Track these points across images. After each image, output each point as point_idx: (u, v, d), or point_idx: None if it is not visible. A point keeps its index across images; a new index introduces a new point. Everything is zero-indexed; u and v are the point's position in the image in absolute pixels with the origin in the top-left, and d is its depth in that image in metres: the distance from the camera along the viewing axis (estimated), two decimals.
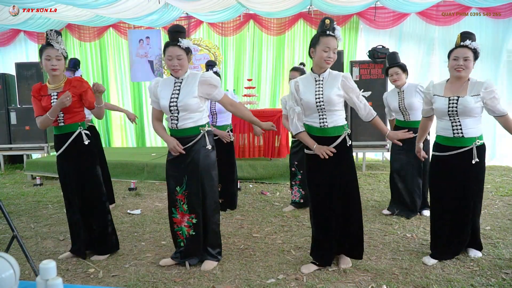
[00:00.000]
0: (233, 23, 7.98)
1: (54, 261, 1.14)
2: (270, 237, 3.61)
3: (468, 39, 2.79)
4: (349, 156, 2.80)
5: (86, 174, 3.10)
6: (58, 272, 2.84)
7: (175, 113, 2.80)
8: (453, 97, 2.80)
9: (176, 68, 2.78)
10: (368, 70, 6.52)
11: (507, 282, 2.64)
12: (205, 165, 2.85)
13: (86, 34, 8.48)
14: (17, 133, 7.20)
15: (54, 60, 2.95)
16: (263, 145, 6.15)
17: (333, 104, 2.70)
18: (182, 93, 2.79)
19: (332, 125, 2.73)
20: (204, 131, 2.85)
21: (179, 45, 2.78)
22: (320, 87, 2.73)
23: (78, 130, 3.07)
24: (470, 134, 2.80)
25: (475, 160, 2.79)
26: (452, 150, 2.85)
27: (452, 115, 2.80)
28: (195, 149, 2.83)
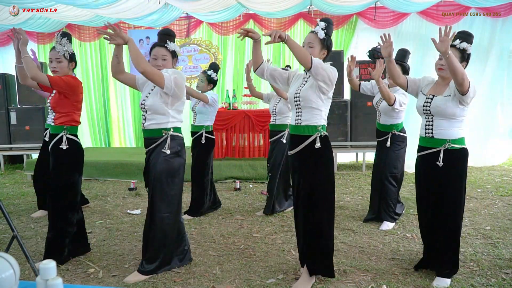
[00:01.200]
0: (233, 23, 7.98)
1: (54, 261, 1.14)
2: (270, 237, 3.61)
3: (459, 39, 2.64)
4: (316, 159, 2.58)
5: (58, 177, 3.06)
6: (58, 272, 2.84)
7: (144, 112, 2.82)
8: (429, 96, 2.71)
9: (158, 68, 2.77)
10: (368, 70, 6.52)
11: (507, 282, 2.64)
12: (161, 169, 2.73)
13: (86, 34, 8.48)
14: (17, 133, 7.20)
15: (54, 62, 3.02)
16: (263, 145, 6.15)
17: (309, 101, 2.56)
18: (152, 93, 2.79)
19: (306, 123, 2.59)
20: (167, 135, 2.75)
21: (165, 46, 2.80)
22: (303, 83, 2.65)
23: (61, 134, 3.07)
24: (441, 136, 2.63)
25: (440, 163, 2.61)
26: (422, 150, 2.75)
27: (426, 114, 2.71)
28: (155, 152, 2.78)
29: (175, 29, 8.15)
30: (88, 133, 8.68)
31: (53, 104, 3.12)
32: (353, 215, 4.26)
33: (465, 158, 2.68)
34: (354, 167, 7.15)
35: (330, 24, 2.65)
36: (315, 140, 2.56)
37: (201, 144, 4.28)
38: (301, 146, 2.60)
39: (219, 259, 3.13)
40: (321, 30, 2.60)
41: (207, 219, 4.22)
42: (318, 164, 2.59)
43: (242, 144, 6.16)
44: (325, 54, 2.66)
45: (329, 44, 2.66)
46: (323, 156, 2.60)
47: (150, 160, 2.80)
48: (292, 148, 2.67)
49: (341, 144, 6.60)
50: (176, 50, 2.87)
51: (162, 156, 2.74)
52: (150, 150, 2.81)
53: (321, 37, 2.60)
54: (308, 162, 2.60)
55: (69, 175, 3.08)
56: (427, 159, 2.71)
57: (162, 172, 2.74)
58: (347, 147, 6.73)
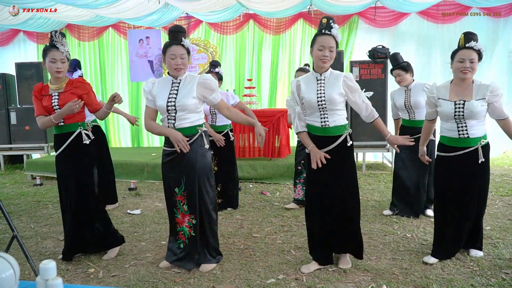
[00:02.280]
0: (233, 22, 7.98)
1: (54, 261, 1.14)
2: (270, 237, 3.61)
3: (473, 40, 2.77)
4: (349, 156, 2.79)
5: (83, 174, 3.08)
6: (58, 272, 2.84)
7: (172, 113, 2.79)
8: (459, 102, 2.79)
9: (179, 67, 2.78)
10: (368, 70, 6.52)
11: (507, 282, 2.64)
12: (202, 164, 2.84)
13: (85, 34, 8.48)
14: (17, 133, 7.20)
15: (59, 63, 2.96)
16: (263, 145, 6.15)
17: (335, 104, 2.69)
18: (181, 94, 2.78)
19: (334, 124, 2.72)
20: (201, 131, 2.84)
21: (182, 44, 2.78)
22: (321, 86, 2.72)
23: (78, 130, 3.06)
24: (476, 135, 2.81)
25: (481, 159, 2.81)
26: (457, 151, 2.86)
27: (458, 118, 2.81)
28: (192, 149, 2.80)
29: None
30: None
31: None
32: None
33: (489, 151, 2.92)
34: None
35: (335, 23, 2.72)
36: (346, 139, 2.74)
37: (229, 141, 4.44)
38: (334, 145, 2.72)
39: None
40: (337, 32, 2.70)
41: None
42: (350, 159, 2.80)
43: (242, 144, 6.16)
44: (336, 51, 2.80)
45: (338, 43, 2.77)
46: (352, 152, 2.82)
47: (187, 156, 2.80)
48: (322, 147, 2.75)
49: None
50: (190, 47, 2.88)
51: (200, 151, 2.83)
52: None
53: (339, 40, 2.73)
54: (342, 159, 2.75)
55: (94, 169, 3.17)
56: (464, 158, 2.85)
57: (205, 166, 2.87)
58: None
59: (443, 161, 2.97)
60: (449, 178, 2.95)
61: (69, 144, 3.04)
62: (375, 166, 7.09)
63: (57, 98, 2.98)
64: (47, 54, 2.96)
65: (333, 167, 2.73)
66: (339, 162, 2.74)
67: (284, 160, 5.98)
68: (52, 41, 2.97)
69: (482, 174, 2.89)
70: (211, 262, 2.97)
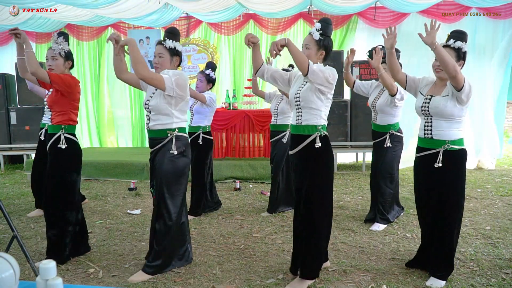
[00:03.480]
0: (233, 23, 7.98)
1: (54, 261, 1.14)
2: (270, 237, 3.61)
3: (453, 38, 2.62)
4: (316, 158, 2.59)
5: (55, 178, 3.06)
6: (58, 272, 2.84)
7: (148, 113, 2.81)
8: (428, 96, 2.70)
9: (156, 66, 2.79)
10: (368, 70, 6.52)
11: (507, 282, 2.64)
12: (166, 169, 2.74)
13: (84, 34, 8.46)
14: (17, 133, 7.20)
15: (50, 60, 3.05)
16: (263, 145, 6.15)
17: (308, 101, 2.58)
18: (156, 94, 2.77)
19: (306, 123, 2.61)
20: (172, 136, 2.75)
21: (162, 43, 2.79)
22: (304, 83, 2.66)
23: (59, 133, 3.07)
24: (440, 136, 2.62)
25: (437, 164, 2.59)
26: (421, 151, 2.74)
27: (425, 114, 2.69)
28: (161, 152, 2.78)
29: None
30: (87, 133, 8.67)
31: (50, 103, 3.10)
32: (353, 215, 4.26)
33: (464, 159, 2.67)
34: (354, 167, 7.15)
35: (328, 24, 2.64)
36: (315, 140, 2.57)
37: (198, 145, 4.24)
38: (301, 146, 2.61)
39: (219, 259, 3.13)
40: (316, 31, 2.61)
41: (207, 219, 4.22)
42: (318, 163, 2.60)
43: (242, 144, 6.16)
44: (323, 54, 2.66)
45: (326, 44, 2.64)
46: (322, 156, 2.60)
47: (156, 160, 2.79)
48: (293, 147, 2.68)
49: (341, 144, 6.59)
50: (177, 48, 2.83)
51: (168, 156, 2.74)
52: (155, 150, 2.81)
53: (316, 38, 2.61)
54: (308, 161, 2.60)
55: (68, 175, 3.09)
56: (426, 160, 2.69)
57: (168, 172, 2.75)
58: (347, 147, 6.73)
59: (415, 162, 2.85)
60: (416, 181, 2.85)
61: (50, 145, 3.10)
62: None
63: (48, 95, 3.17)
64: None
65: (300, 168, 2.64)
66: (306, 163, 2.61)
67: None
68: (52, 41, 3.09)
69: (446, 183, 2.62)
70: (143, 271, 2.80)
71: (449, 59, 2.41)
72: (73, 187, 3.12)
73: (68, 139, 3.08)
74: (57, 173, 3.07)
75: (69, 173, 3.10)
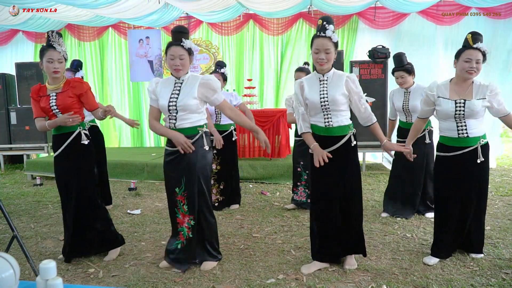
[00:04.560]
0: (233, 23, 7.98)
1: (54, 261, 1.14)
2: (270, 237, 3.61)
3: (479, 41, 2.77)
4: (353, 156, 2.80)
5: (83, 174, 3.08)
6: (58, 272, 2.84)
7: (173, 113, 2.80)
8: (460, 100, 2.79)
9: (178, 68, 2.78)
10: (368, 70, 6.52)
11: (507, 282, 2.64)
12: (202, 165, 2.84)
13: (85, 34, 8.48)
14: (17, 133, 7.20)
15: (56, 63, 2.95)
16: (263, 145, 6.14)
17: (338, 104, 2.70)
18: (182, 93, 2.78)
19: (337, 124, 2.73)
20: (202, 132, 2.84)
21: (182, 45, 2.78)
22: (324, 86, 2.73)
23: (78, 130, 3.06)
24: (475, 134, 2.82)
25: (480, 159, 2.81)
26: (457, 150, 2.87)
27: (458, 117, 2.81)
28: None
29: None
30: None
31: (63, 108, 3.00)
32: None
33: (489, 151, 2.93)
34: None
35: (333, 23, 2.70)
36: (350, 139, 2.74)
37: (232, 141, 4.48)
38: (337, 145, 2.72)
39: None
40: (332, 33, 2.66)
41: None
42: (354, 159, 2.82)
43: (242, 144, 6.16)
44: (336, 52, 2.77)
45: (337, 42, 2.75)
46: (356, 152, 2.82)
47: (187, 156, 2.80)
48: (324, 148, 2.74)
49: None
50: (192, 47, 2.87)
51: (201, 152, 2.83)
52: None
53: (335, 41, 2.69)
54: (346, 159, 2.75)
55: (94, 168, 3.19)
56: (463, 158, 2.85)
57: (204, 167, 2.87)
58: None
59: (442, 161, 2.97)
60: (449, 178, 2.95)
61: (68, 144, 3.03)
62: (375, 166, 7.09)
63: (55, 99, 2.98)
64: (44, 54, 2.94)
65: (336, 167, 2.74)
66: (343, 162, 2.75)
67: (284, 160, 5.98)
68: (48, 41, 2.96)
69: (482, 174, 2.89)
70: (212, 261, 2.99)
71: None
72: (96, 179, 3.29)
73: (86, 135, 3.12)
74: (86, 168, 3.11)
75: (94, 166, 3.20)
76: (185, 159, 2.81)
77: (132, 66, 8.32)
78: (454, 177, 2.93)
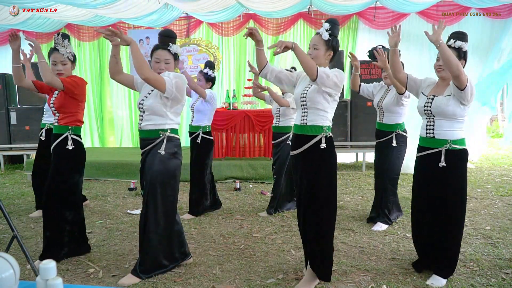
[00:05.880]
0: (233, 23, 7.98)
1: (54, 261, 1.14)
2: (270, 237, 3.61)
3: (453, 38, 2.67)
4: (320, 161, 2.57)
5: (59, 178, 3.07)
6: (58, 272, 2.84)
7: (141, 112, 2.79)
8: (430, 96, 2.72)
9: (161, 71, 2.78)
10: (368, 70, 6.52)
11: (507, 282, 2.64)
12: (156, 171, 2.71)
13: (84, 34, 8.47)
14: (17, 133, 7.20)
15: (59, 65, 3.01)
16: (263, 145, 6.15)
17: (315, 102, 2.56)
18: (152, 94, 2.76)
19: (312, 123, 2.58)
20: (164, 136, 2.74)
21: (168, 49, 2.79)
22: (310, 84, 2.62)
23: (66, 134, 3.08)
24: (442, 136, 2.64)
25: (441, 163, 2.61)
26: (423, 151, 2.75)
27: (427, 114, 2.71)
28: (151, 153, 2.76)
29: (175, 29, 8.15)
30: (89, 133, 8.68)
31: (58, 105, 3.08)
32: (353, 215, 4.26)
33: (466, 159, 2.69)
34: (354, 167, 7.15)
35: (336, 25, 2.64)
36: (320, 141, 2.55)
37: (198, 144, 4.26)
38: (306, 146, 2.57)
39: (219, 259, 3.13)
40: (325, 31, 2.60)
41: (207, 219, 4.22)
42: (322, 164, 2.58)
43: (242, 144, 6.16)
44: (330, 55, 2.65)
45: (334, 45, 2.64)
46: (327, 157, 2.58)
47: (146, 161, 2.77)
48: (296, 147, 2.65)
49: (341, 144, 6.60)
50: (178, 52, 2.86)
51: (158, 157, 2.72)
52: (146, 151, 2.79)
53: (326, 39, 2.60)
54: (312, 162, 2.58)
55: (72, 175, 3.11)
56: (427, 159, 2.70)
57: (158, 173, 2.72)
58: (347, 147, 6.73)
59: (416, 163, 2.85)
60: (417, 181, 2.84)
61: (55, 146, 3.09)
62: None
63: (54, 97, 3.08)
64: (49, 56, 3.02)
65: (305, 169, 2.61)
66: (311, 164, 2.58)
67: None
68: (54, 43, 3.03)
69: (453, 183, 2.64)
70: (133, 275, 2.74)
71: (453, 58, 2.44)
72: (76, 187, 3.14)
73: (74, 140, 3.10)
74: (61, 173, 3.08)
75: (73, 173, 3.12)
76: (145, 162, 2.79)
77: (132, 66, 8.32)
78: (420, 180, 2.80)
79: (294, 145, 2.68)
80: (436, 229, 2.72)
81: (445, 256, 2.68)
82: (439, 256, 2.70)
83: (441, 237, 2.69)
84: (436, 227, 2.71)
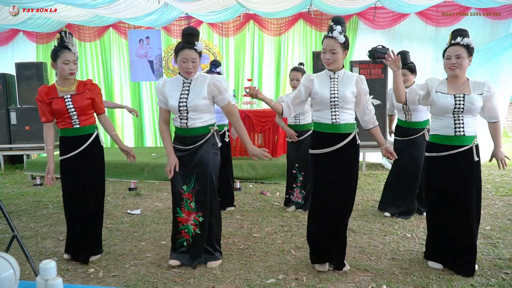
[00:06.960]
0: (233, 23, 7.99)
1: (54, 261, 1.14)
2: (270, 237, 3.61)
3: (459, 36, 2.73)
4: (356, 156, 2.82)
5: (97, 177, 3.10)
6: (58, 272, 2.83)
7: (184, 113, 2.81)
8: (459, 94, 2.72)
9: (190, 71, 2.80)
10: (368, 70, 6.51)
11: (507, 282, 2.65)
12: (213, 163, 2.90)
13: (86, 34, 8.47)
14: (17, 133, 7.20)
15: (71, 64, 2.92)
16: (263, 145, 6.15)
17: (347, 102, 2.73)
18: (192, 94, 2.81)
19: (344, 122, 2.74)
20: (213, 130, 2.90)
21: (195, 48, 2.79)
22: (335, 84, 2.76)
23: (96, 132, 3.08)
24: (470, 133, 2.74)
25: (476, 158, 2.74)
26: (451, 149, 2.74)
27: (457, 113, 2.72)
28: (204, 147, 2.86)
29: (175, 29, 8.16)
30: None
31: (81, 109, 2.98)
32: (353, 215, 4.23)
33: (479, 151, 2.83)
34: None
35: (343, 23, 2.73)
36: (355, 137, 2.76)
37: (225, 142, 4.35)
38: (342, 143, 2.71)
39: None
40: (339, 34, 2.67)
41: None
42: (356, 159, 2.84)
43: (242, 144, 6.16)
44: (346, 54, 2.82)
45: (348, 44, 2.77)
46: (358, 152, 2.84)
47: (199, 154, 2.86)
48: (328, 145, 2.74)
49: None
50: (202, 49, 2.89)
51: (212, 150, 2.90)
52: (197, 146, 2.86)
53: (342, 42, 2.70)
54: (348, 157, 2.76)
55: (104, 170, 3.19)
56: (459, 157, 2.74)
57: (215, 165, 2.93)
58: None
59: (435, 162, 2.84)
60: (442, 180, 2.81)
61: (88, 146, 3.01)
62: (375, 166, 7.09)
63: (71, 100, 2.94)
64: (59, 56, 2.88)
65: (341, 165, 2.74)
66: (347, 160, 2.76)
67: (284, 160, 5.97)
68: (63, 42, 2.91)
69: (477, 175, 2.80)
70: (217, 259, 3.01)
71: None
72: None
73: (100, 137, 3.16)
74: (101, 170, 3.13)
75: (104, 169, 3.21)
76: (196, 156, 2.86)
77: (132, 66, 8.32)
78: (449, 179, 2.78)
79: (324, 143, 2.75)
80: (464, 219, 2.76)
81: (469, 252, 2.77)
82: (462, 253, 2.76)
83: (463, 233, 2.77)
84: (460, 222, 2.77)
